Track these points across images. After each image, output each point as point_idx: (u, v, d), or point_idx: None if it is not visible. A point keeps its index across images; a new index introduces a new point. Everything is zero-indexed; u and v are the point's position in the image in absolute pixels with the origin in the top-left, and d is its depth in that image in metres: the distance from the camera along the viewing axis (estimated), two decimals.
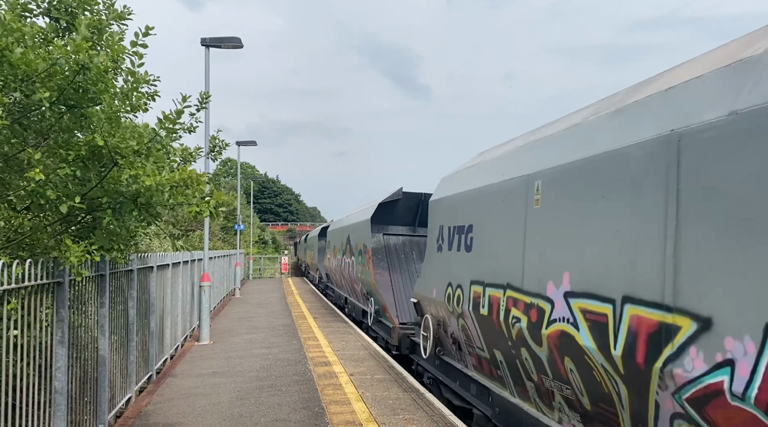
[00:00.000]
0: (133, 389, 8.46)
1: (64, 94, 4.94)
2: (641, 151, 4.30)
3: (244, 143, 28.84)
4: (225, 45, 14.65)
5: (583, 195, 5.03)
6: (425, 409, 7.93)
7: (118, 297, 7.71)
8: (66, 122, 5.26)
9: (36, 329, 5.06)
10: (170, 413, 7.83)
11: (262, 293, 29.15)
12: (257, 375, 10.03)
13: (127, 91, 5.85)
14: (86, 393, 6.46)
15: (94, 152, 5.30)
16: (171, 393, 8.90)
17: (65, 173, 5.05)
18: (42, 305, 5.21)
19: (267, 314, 19.51)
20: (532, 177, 6.00)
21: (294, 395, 8.68)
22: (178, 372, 10.40)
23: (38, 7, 6.01)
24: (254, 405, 8.13)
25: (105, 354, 6.95)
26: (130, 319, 8.28)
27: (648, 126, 4.36)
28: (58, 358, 5.51)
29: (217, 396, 8.65)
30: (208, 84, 14.64)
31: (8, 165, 5.26)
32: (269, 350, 12.43)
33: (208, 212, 5.97)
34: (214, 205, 6.06)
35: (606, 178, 4.71)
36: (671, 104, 4.24)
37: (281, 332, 15.09)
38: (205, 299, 13.83)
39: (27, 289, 4.86)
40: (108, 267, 7.00)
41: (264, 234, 67.64)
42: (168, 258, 11.18)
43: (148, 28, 5.73)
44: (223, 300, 23.91)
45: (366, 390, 8.95)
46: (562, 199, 5.39)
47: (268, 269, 53.29)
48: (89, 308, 6.62)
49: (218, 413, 7.74)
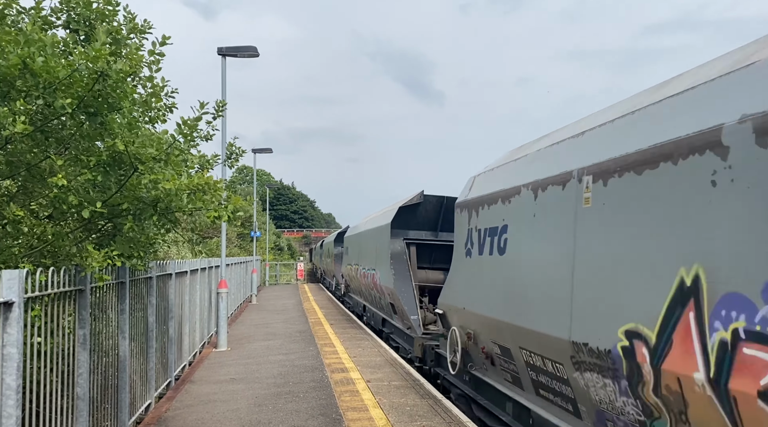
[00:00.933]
0: (152, 395, 8.53)
1: (84, 101, 5.03)
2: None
3: (259, 151, 29.02)
4: (241, 54, 14.78)
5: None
6: (443, 415, 7.90)
7: (137, 304, 7.80)
8: (86, 130, 5.35)
9: (58, 335, 5.13)
10: (189, 419, 7.88)
11: (278, 299, 29.25)
12: (275, 381, 10.06)
13: (147, 97, 5.93)
14: (107, 399, 6.53)
15: (114, 158, 5.38)
16: (190, 399, 8.96)
17: (86, 178, 5.12)
18: (64, 311, 5.29)
19: (284, 320, 19.58)
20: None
21: (311, 401, 8.70)
22: (197, 378, 10.47)
23: (58, 19, 6.13)
24: (272, 411, 8.15)
25: (125, 360, 7.02)
26: (149, 325, 8.36)
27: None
28: (80, 364, 5.58)
29: (235, 402, 8.69)
30: (225, 92, 14.78)
31: (31, 174, 5.36)
32: (286, 357, 12.47)
33: (226, 217, 6.04)
34: (232, 210, 6.13)
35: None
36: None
37: (298, 339, 15.13)
38: (223, 305, 13.92)
39: (50, 296, 4.93)
40: (128, 274, 7.08)
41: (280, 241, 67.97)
42: (186, 265, 11.28)
43: (165, 38, 5.82)
44: (240, 307, 24.03)
45: (383, 397, 8.94)
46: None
47: (284, 275, 53.49)
48: (110, 315, 6.69)
49: (237, 420, 7.78)
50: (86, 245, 5.51)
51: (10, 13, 5.46)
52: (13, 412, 4.11)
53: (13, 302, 4.15)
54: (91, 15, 6.12)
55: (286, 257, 65.18)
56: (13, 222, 5.01)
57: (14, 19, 5.55)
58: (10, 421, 4.10)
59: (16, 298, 4.16)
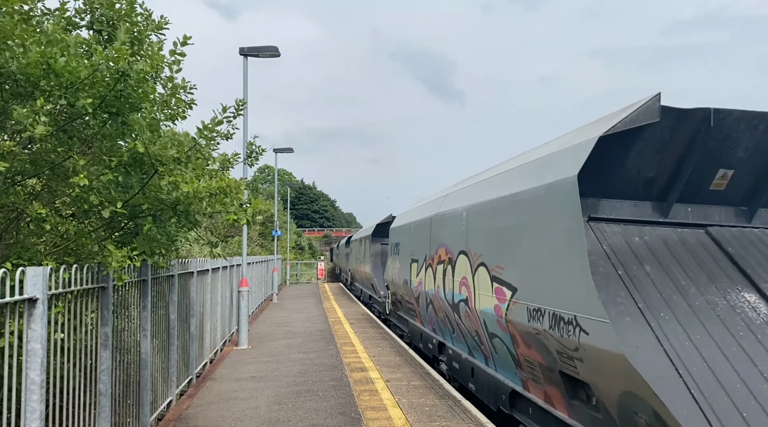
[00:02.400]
0: (174, 392, 8.62)
1: (105, 101, 5.09)
2: None
3: (281, 150, 29.18)
4: (263, 54, 14.87)
5: None
6: (461, 416, 7.86)
7: (159, 302, 7.88)
8: (108, 130, 5.41)
9: (81, 332, 5.20)
10: (210, 416, 7.94)
11: (298, 298, 29.39)
12: (294, 380, 10.10)
13: (167, 97, 5.98)
14: (129, 396, 6.60)
15: (135, 159, 5.44)
16: (210, 397, 9.03)
17: (108, 179, 5.18)
18: (87, 308, 5.36)
19: (304, 319, 19.66)
20: None
21: (331, 400, 8.71)
22: (218, 376, 10.55)
23: (82, 20, 6.21)
24: (292, 410, 8.19)
25: (147, 357, 7.10)
26: (171, 323, 8.45)
27: None
28: (102, 361, 5.65)
29: (255, 400, 8.75)
30: (247, 92, 14.88)
31: (54, 172, 5.43)
32: (306, 355, 12.52)
33: (245, 220, 6.04)
34: (251, 214, 6.14)
35: None
36: None
37: (318, 338, 15.18)
38: (244, 303, 14.01)
39: (73, 293, 5.00)
40: (150, 272, 7.15)
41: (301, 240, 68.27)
42: (208, 264, 11.38)
43: (186, 38, 5.86)
44: (261, 305, 24.18)
45: (402, 396, 8.93)
46: None
47: (305, 274, 53.73)
48: (132, 313, 6.77)
49: (257, 417, 7.82)
50: (107, 243, 5.57)
51: (35, 14, 5.54)
52: (36, 406, 4.17)
53: (37, 298, 4.21)
54: (114, 16, 6.19)
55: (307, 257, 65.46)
56: (36, 220, 5.08)
57: (39, 19, 5.63)
58: (34, 415, 4.16)
59: (40, 294, 4.22)
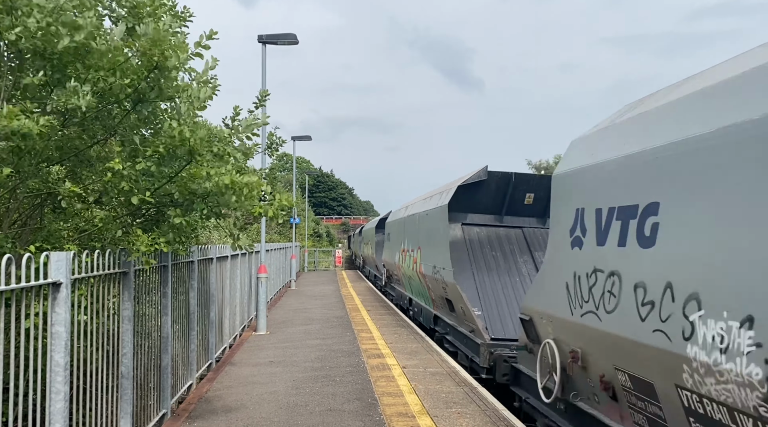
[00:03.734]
0: (194, 377, 8.77)
1: (138, 89, 5.19)
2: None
3: (299, 138, 29.27)
4: (281, 42, 14.89)
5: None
6: (478, 403, 7.90)
7: (179, 287, 8.00)
8: (134, 120, 5.50)
9: (104, 316, 5.32)
10: (229, 400, 8.07)
11: (316, 285, 29.59)
12: (312, 365, 10.21)
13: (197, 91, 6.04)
14: (150, 379, 6.74)
15: (169, 151, 5.51)
16: (230, 381, 9.17)
17: (141, 168, 5.27)
18: (109, 293, 5.47)
19: (321, 306, 19.81)
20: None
21: (348, 385, 8.80)
22: (237, 361, 10.71)
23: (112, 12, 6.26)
24: (309, 394, 8.29)
25: (168, 342, 7.23)
26: (191, 308, 8.58)
27: None
28: (124, 344, 5.77)
29: (273, 385, 8.87)
30: (265, 80, 14.93)
31: (79, 159, 5.53)
32: (324, 341, 12.63)
33: (272, 213, 6.11)
34: (277, 207, 6.18)
35: None
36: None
37: (335, 324, 15.30)
38: (262, 290, 14.16)
39: (96, 278, 5.10)
40: (170, 258, 7.26)
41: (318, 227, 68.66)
42: (227, 250, 11.50)
43: (213, 32, 5.89)
44: (279, 292, 24.40)
45: (419, 383, 8.99)
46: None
47: (323, 261, 54.05)
48: (153, 298, 6.89)
49: (275, 401, 7.94)
50: (134, 228, 5.67)
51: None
52: (61, 388, 4.29)
53: (61, 282, 4.31)
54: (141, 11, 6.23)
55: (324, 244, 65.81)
56: (68, 198, 5.20)
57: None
58: (58, 396, 4.27)
59: (63, 279, 4.32)
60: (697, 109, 4.62)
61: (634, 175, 5.15)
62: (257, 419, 7.17)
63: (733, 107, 4.12)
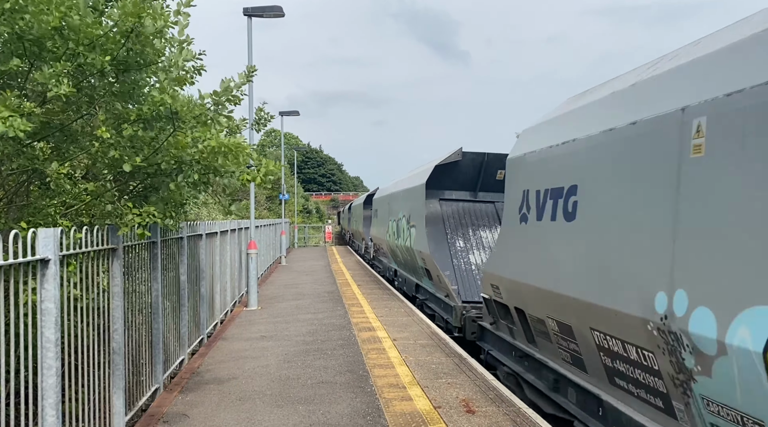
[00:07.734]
0: (186, 351, 8.81)
1: (117, 59, 5.12)
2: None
3: (287, 113, 29.03)
4: (267, 14, 14.68)
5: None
6: (467, 373, 8.02)
7: (169, 263, 7.99)
8: (117, 89, 5.43)
9: (93, 292, 5.31)
10: (221, 374, 8.13)
11: (306, 260, 29.65)
12: (303, 339, 10.29)
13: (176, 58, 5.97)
14: (142, 355, 6.76)
15: (153, 113, 5.47)
16: (222, 356, 9.23)
17: (129, 134, 5.22)
18: (99, 269, 5.46)
19: (312, 281, 19.88)
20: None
21: (339, 358, 8.89)
22: (228, 336, 10.76)
23: None
24: (301, 367, 8.37)
25: (158, 317, 7.25)
26: (181, 284, 8.58)
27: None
28: (114, 320, 5.77)
29: (265, 359, 8.93)
30: (251, 54, 14.74)
31: (64, 134, 5.47)
32: (315, 316, 12.71)
33: (259, 179, 6.18)
34: (264, 173, 6.25)
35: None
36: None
37: (326, 299, 15.38)
38: (253, 266, 14.18)
39: (84, 254, 5.08)
40: (159, 234, 7.24)
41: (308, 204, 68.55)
42: (216, 226, 11.48)
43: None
44: (270, 267, 24.44)
45: (409, 355, 9.09)
46: None
47: (313, 237, 54.09)
48: (143, 275, 6.89)
49: (267, 375, 8.01)
50: (125, 202, 5.65)
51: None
52: (53, 364, 4.30)
53: (49, 259, 4.29)
54: None
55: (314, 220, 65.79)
56: (57, 180, 5.15)
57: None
58: (50, 372, 4.29)
59: (51, 255, 4.30)
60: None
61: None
62: (249, 392, 7.23)
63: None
